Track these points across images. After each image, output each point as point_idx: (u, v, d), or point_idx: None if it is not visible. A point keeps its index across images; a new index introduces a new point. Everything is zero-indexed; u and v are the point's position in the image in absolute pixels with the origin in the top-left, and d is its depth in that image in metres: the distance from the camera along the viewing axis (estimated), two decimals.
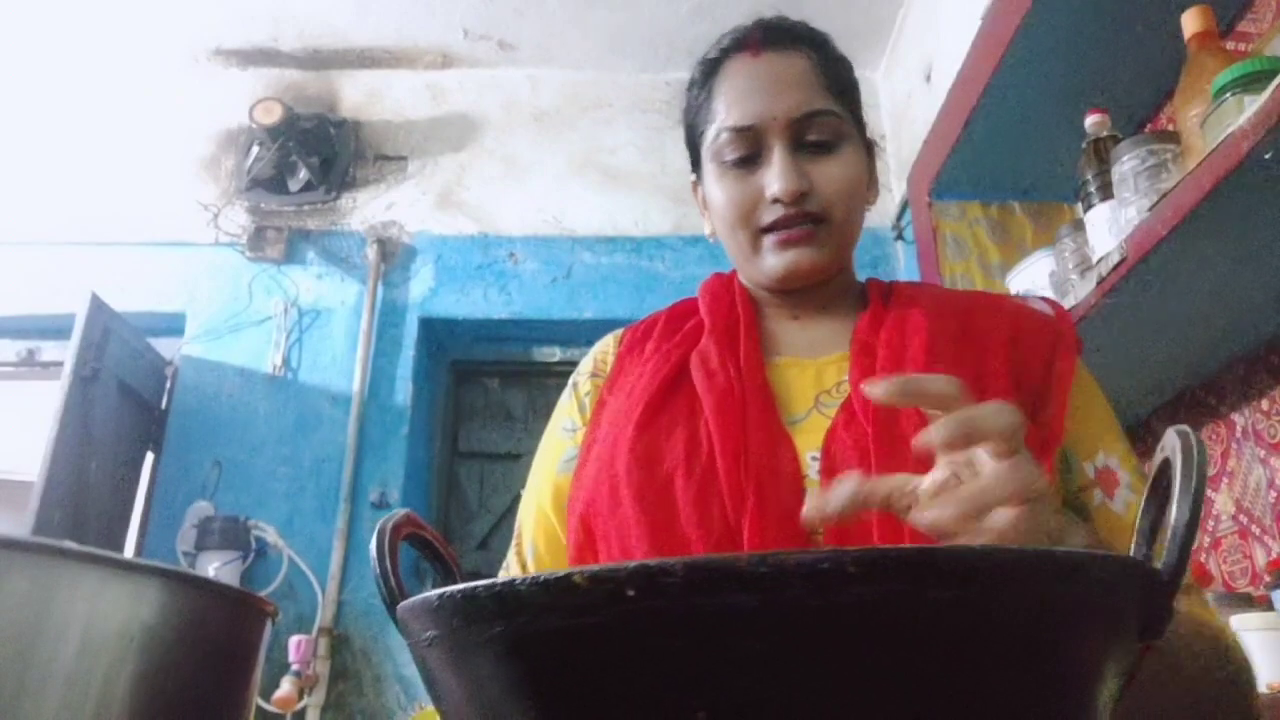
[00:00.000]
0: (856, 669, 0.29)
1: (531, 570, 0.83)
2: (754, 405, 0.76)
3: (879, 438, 0.71)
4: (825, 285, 0.86)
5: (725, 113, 0.82)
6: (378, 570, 0.43)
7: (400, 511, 0.46)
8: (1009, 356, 0.77)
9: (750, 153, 0.81)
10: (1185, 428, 0.37)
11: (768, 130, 0.80)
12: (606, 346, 0.92)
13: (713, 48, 0.87)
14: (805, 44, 0.85)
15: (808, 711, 0.29)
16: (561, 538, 0.82)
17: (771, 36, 0.84)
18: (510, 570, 0.86)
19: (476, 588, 0.31)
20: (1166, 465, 0.37)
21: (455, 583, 0.47)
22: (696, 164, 0.89)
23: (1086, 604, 0.32)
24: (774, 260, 0.81)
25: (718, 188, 0.83)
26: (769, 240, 0.81)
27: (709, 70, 0.86)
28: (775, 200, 0.79)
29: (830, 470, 0.72)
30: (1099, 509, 0.74)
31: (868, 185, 0.87)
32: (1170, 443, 0.37)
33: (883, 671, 0.29)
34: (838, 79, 0.85)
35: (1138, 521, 0.39)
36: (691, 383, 0.80)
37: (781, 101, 0.80)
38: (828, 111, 0.81)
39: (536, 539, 0.85)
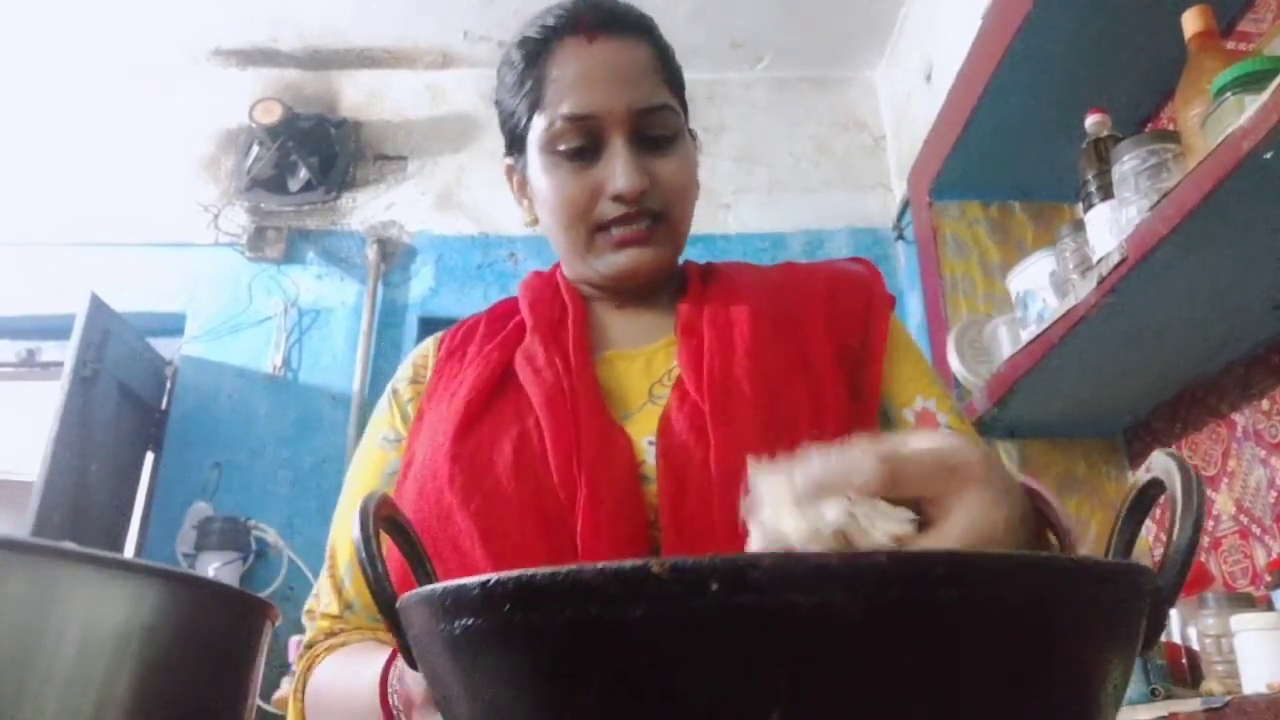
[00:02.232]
0: (942, 670, 0.29)
1: (349, 594, 0.79)
2: (584, 401, 0.74)
3: (715, 414, 0.71)
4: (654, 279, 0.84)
5: (560, 100, 0.77)
6: (364, 554, 0.40)
7: (378, 493, 0.44)
8: (828, 327, 0.79)
9: (586, 144, 0.77)
10: (1177, 453, 0.38)
11: (607, 122, 0.76)
12: (426, 351, 0.88)
13: (534, 26, 0.81)
14: (641, 31, 0.81)
15: (880, 708, 0.29)
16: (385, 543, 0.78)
17: (606, 20, 0.79)
18: (321, 598, 0.80)
19: (535, 574, 0.30)
20: (1154, 485, 0.39)
21: (428, 573, 0.46)
22: (514, 148, 0.85)
23: (1118, 607, 0.34)
24: (612, 259, 0.79)
25: (549, 180, 0.79)
26: (606, 238, 0.78)
27: (536, 51, 0.80)
28: (616, 198, 0.76)
29: (668, 450, 0.71)
30: None
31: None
32: (1163, 466, 0.38)
33: (950, 672, 0.30)
34: (671, 70, 0.83)
35: (1115, 536, 0.41)
36: (517, 384, 0.77)
37: (623, 93, 0.76)
38: (667, 106, 0.79)
39: (355, 560, 0.80)
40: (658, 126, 0.78)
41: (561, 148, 0.77)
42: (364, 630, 0.78)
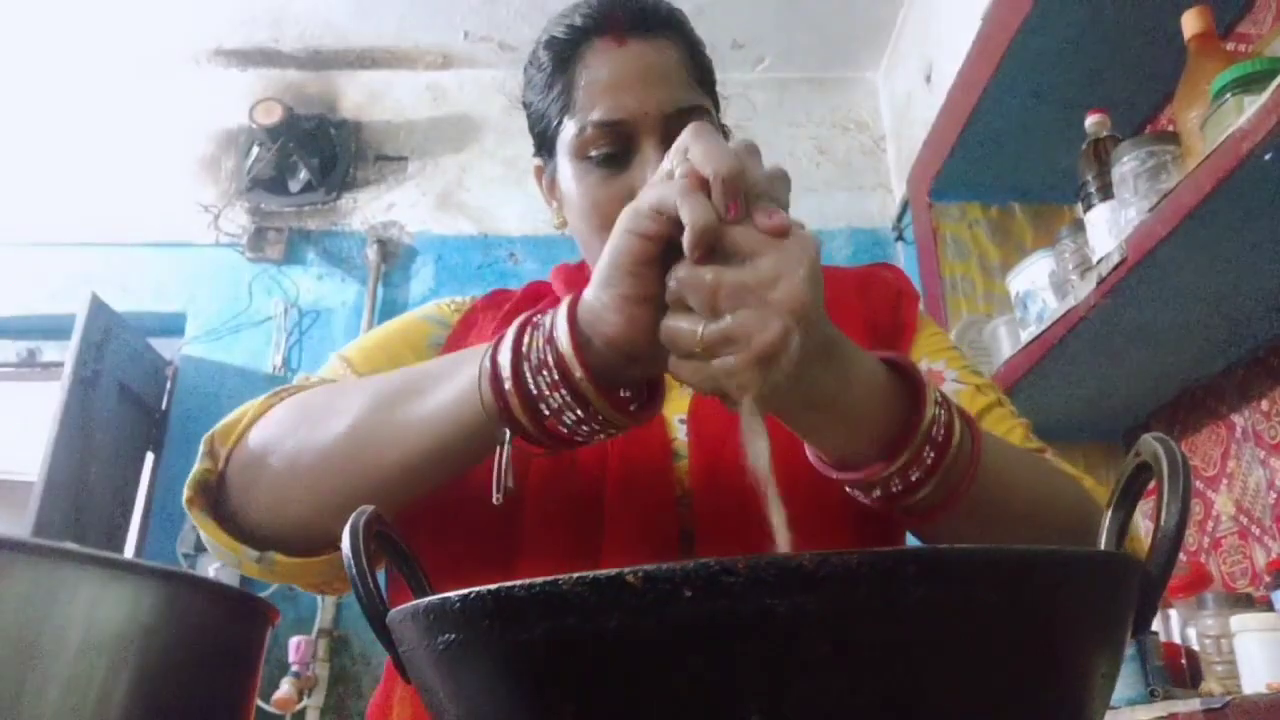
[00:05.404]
0: (918, 667, 0.30)
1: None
2: None
3: None
4: None
5: (591, 105, 0.75)
6: (354, 570, 0.40)
7: (368, 508, 0.43)
8: (862, 314, 0.80)
9: (617, 150, 0.75)
10: (1164, 436, 0.38)
11: (639, 126, 0.74)
12: (463, 301, 0.88)
13: (560, 25, 0.79)
14: (671, 29, 0.80)
15: (859, 708, 0.29)
16: None
17: (636, 20, 0.78)
18: (315, 376, 0.77)
19: (514, 587, 0.30)
20: (1143, 469, 0.39)
21: (422, 585, 0.46)
22: (543, 149, 0.83)
23: (1099, 598, 0.34)
24: None
25: (579, 186, 0.77)
26: None
27: (564, 54, 0.78)
28: None
29: (700, 427, 0.71)
30: None
31: None
32: (1151, 449, 0.38)
33: (929, 669, 0.30)
34: (701, 67, 0.82)
35: (1107, 522, 0.41)
36: None
37: (654, 96, 0.75)
38: (699, 108, 0.78)
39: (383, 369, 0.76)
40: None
41: (593, 154, 0.76)
42: None
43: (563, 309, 0.54)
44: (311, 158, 2.79)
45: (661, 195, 0.51)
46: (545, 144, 0.82)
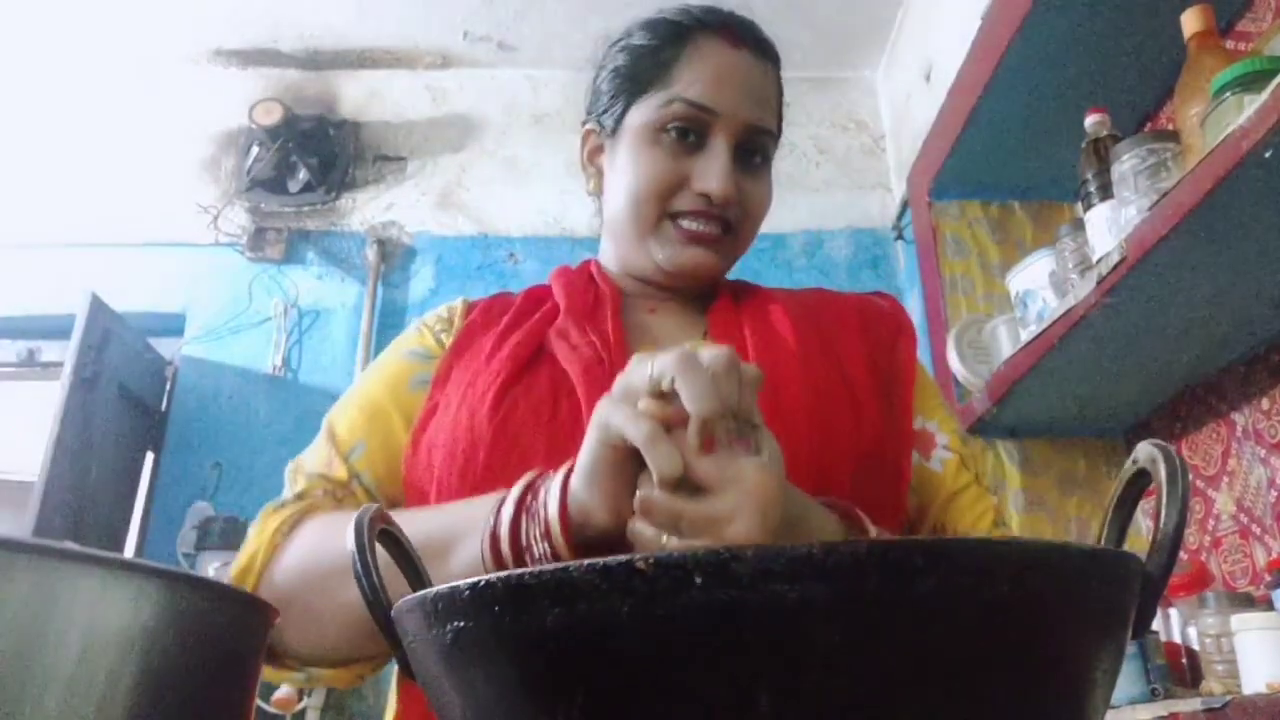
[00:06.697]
0: (923, 657, 0.30)
1: (357, 465, 0.77)
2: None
3: (765, 409, 0.71)
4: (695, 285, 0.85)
5: (689, 84, 0.79)
6: (359, 565, 0.41)
7: (373, 505, 0.44)
8: (861, 340, 0.82)
9: (694, 134, 0.78)
10: (1162, 442, 0.39)
11: (724, 123, 0.78)
12: (455, 308, 0.88)
13: (676, 11, 0.83)
14: (774, 61, 0.85)
15: (866, 696, 0.30)
16: (402, 440, 0.77)
17: (750, 38, 0.83)
18: (312, 462, 0.78)
19: (524, 574, 0.31)
20: (1142, 476, 0.40)
21: (423, 584, 0.46)
22: (608, 113, 0.85)
23: (1102, 593, 0.34)
24: (675, 250, 0.80)
25: (642, 155, 0.80)
26: (676, 227, 0.79)
27: (675, 34, 0.82)
28: (703, 194, 0.78)
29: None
30: (916, 468, 0.78)
31: None
32: (1148, 455, 0.39)
33: (934, 658, 0.30)
34: (781, 105, 0.86)
35: (1106, 528, 0.41)
36: (550, 361, 0.76)
37: (747, 103, 0.79)
38: (773, 135, 0.82)
39: (370, 439, 0.77)
40: (760, 148, 0.81)
41: (671, 128, 0.78)
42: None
43: (554, 507, 0.57)
44: (311, 158, 2.79)
45: (630, 425, 0.53)
46: (618, 106, 0.83)
